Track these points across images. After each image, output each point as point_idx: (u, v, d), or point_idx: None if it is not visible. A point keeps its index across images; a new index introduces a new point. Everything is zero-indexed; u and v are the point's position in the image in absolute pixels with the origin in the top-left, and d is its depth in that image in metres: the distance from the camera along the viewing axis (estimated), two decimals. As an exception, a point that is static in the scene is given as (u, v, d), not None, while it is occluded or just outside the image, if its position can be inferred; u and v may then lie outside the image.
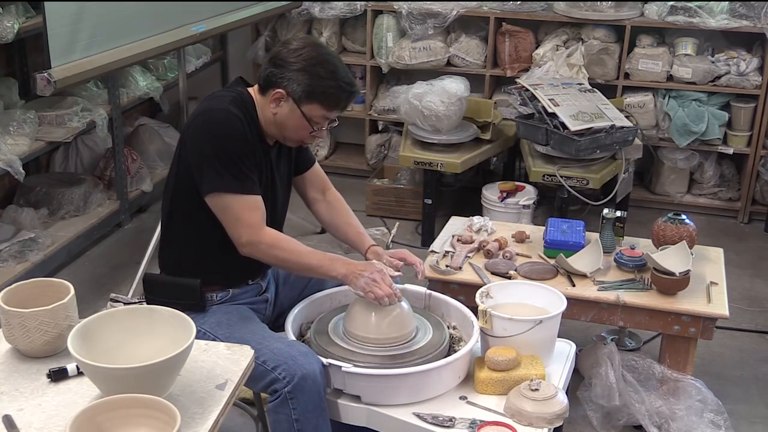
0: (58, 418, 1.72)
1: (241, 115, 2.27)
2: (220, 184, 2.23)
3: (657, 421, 2.82)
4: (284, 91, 2.27)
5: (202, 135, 2.26)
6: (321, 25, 5.09)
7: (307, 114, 2.29)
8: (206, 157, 2.24)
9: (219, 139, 2.23)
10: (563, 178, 3.98)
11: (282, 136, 2.36)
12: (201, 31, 3.91)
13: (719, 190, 4.85)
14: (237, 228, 2.26)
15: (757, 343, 3.61)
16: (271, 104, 2.29)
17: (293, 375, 2.15)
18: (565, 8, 4.73)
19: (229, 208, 2.24)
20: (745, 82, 4.55)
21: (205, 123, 2.27)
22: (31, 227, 3.83)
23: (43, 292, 1.95)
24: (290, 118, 2.30)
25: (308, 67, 2.25)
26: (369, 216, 4.65)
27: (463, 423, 2.14)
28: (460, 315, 2.45)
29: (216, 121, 2.25)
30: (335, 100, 2.29)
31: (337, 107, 2.31)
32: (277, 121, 2.31)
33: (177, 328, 1.80)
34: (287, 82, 2.26)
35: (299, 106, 2.27)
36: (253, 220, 2.26)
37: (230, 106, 2.26)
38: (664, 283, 2.77)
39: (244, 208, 2.24)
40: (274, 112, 2.30)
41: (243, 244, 2.27)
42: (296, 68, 2.25)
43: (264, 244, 2.26)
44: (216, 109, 2.27)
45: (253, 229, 2.25)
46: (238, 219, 2.25)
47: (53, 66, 3.09)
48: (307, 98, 2.27)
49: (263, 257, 2.31)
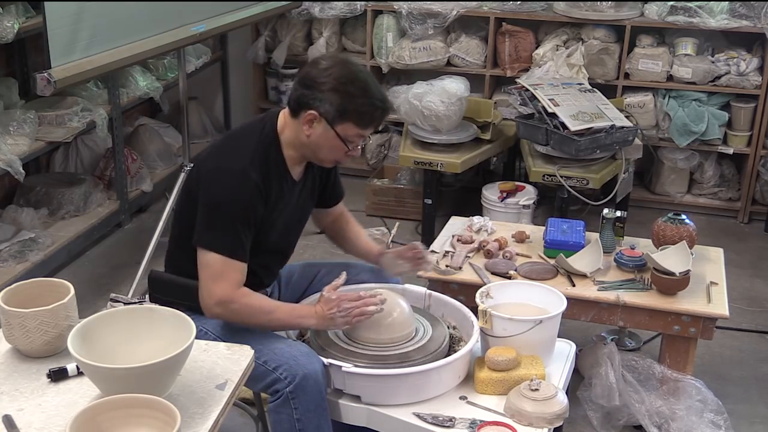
0: (58, 418, 1.72)
1: (257, 176, 2.22)
2: (213, 242, 2.20)
3: (657, 421, 2.82)
4: (317, 113, 2.22)
5: (213, 192, 2.22)
6: (321, 25, 5.09)
7: (341, 134, 2.24)
8: (209, 211, 2.22)
9: (226, 202, 2.20)
10: (563, 178, 3.98)
11: (317, 158, 2.33)
12: (201, 31, 3.91)
13: (719, 190, 4.85)
14: (212, 285, 2.20)
15: (757, 343, 3.61)
16: (304, 126, 2.24)
17: (295, 375, 2.15)
18: (565, 8, 4.73)
19: (212, 266, 2.20)
20: (745, 82, 4.55)
21: (218, 180, 2.23)
22: (31, 227, 3.83)
23: (43, 292, 1.95)
24: (324, 138, 2.25)
25: (339, 86, 2.20)
26: (369, 216, 4.64)
27: (463, 423, 2.14)
28: (460, 315, 2.45)
29: (229, 184, 2.21)
30: (369, 118, 2.25)
31: (371, 125, 2.27)
32: (311, 143, 2.27)
33: (177, 328, 1.80)
34: (319, 103, 2.21)
35: (333, 126, 2.23)
36: (232, 279, 2.21)
37: (249, 167, 2.21)
38: (664, 283, 2.77)
39: (227, 270, 2.20)
40: (308, 134, 2.25)
41: (214, 302, 2.21)
42: (327, 88, 2.20)
43: (236, 302, 2.21)
44: (234, 170, 2.21)
45: (229, 288, 2.20)
46: (219, 276, 2.20)
47: (53, 66, 3.09)
48: (341, 118, 2.22)
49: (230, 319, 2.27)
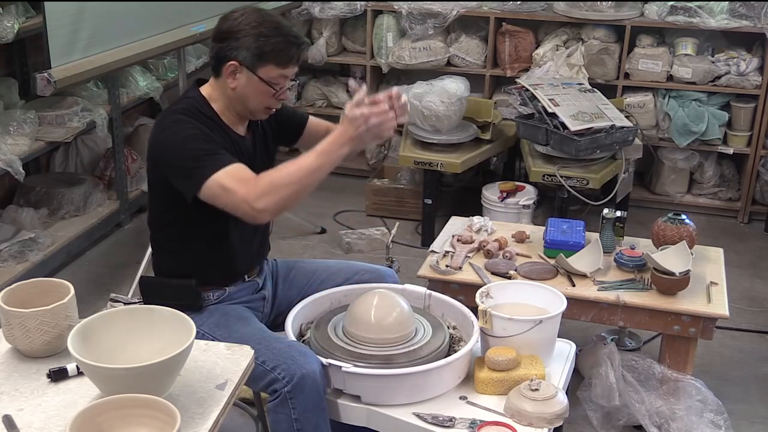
0: (58, 418, 1.72)
1: (193, 118, 2.26)
2: (203, 172, 2.17)
3: (657, 421, 2.82)
4: (236, 62, 2.26)
5: (160, 149, 2.27)
6: (321, 25, 5.09)
7: (265, 77, 2.27)
8: (175, 166, 2.24)
9: (175, 145, 2.23)
10: (563, 178, 3.98)
11: (248, 109, 2.35)
12: (201, 31, 3.91)
13: (719, 190, 4.85)
14: (239, 195, 2.14)
15: (757, 343, 3.61)
16: (228, 80, 2.28)
17: (293, 375, 2.15)
18: (565, 8, 4.73)
19: (222, 188, 2.16)
20: (745, 82, 4.55)
21: (157, 138, 2.29)
22: (31, 227, 3.83)
23: (43, 292, 1.95)
24: (249, 86, 2.29)
25: (252, 30, 2.24)
26: (369, 216, 4.65)
27: (463, 423, 2.14)
28: (460, 315, 2.45)
29: (167, 133, 2.26)
30: (287, 55, 2.28)
31: (290, 62, 2.29)
32: (238, 94, 2.30)
33: (177, 329, 1.80)
34: (236, 52, 2.25)
35: (254, 71, 2.26)
36: (248, 177, 2.17)
37: (179, 116, 2.26)
38: (664, 283, 2.77)
39: (234, 177, 2.17)
40: (233, 87, 2.29)
41: (254, 201, 2.14)
42: (241, 36, 2.25)
43: (273, 183, 2.15)
44: (164, 122, 2.29)
45: (250, 186, 2.15)
46: (233, 190, 2.15)
47: (53, 66, 3.09)
48: (260, 61, 2.26)
49: (279, 199, 2.16)
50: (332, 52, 5.13)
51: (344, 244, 4.25)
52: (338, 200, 4.83)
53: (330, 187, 2.90)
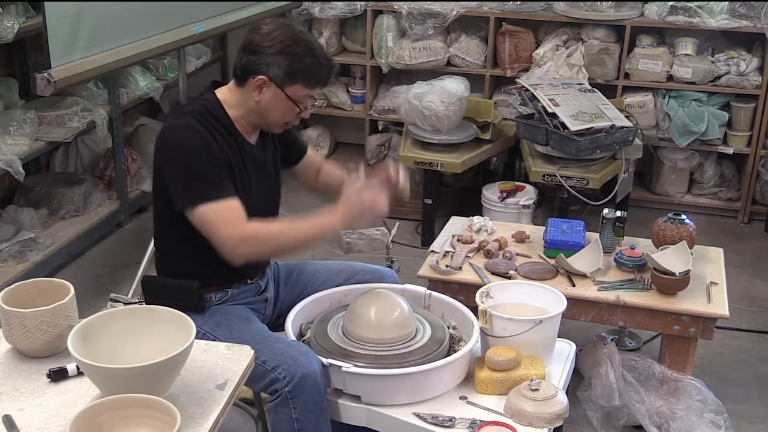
0: (58, 418, 1.72)
1: (203, 128, 2.24)
2: (192, 198, 2.21)
3: (657, 421, 2.82)
4: (265, 77, 2.25)
5: (165, 155, 2.27)
6: (321, 25, 5.09)
7: (292, 96, 2.28)
8: (174, 176, 2.24)
9: (180, 156, 2.23)
10: (563, 178, 3.98)
11: (266, 123, 2.36)
12: (201, 31, 3.91)
13: (719, 190, 4.85)
14: (224, 230, 2.19)
15: (757, 343, 3.61)
16: (254, 92, 2.27)
17: (293, 375, 2.15)
18: (565, 8, 4.73)
19: (207, 218, 2.20)
20: (745, 82, 4.55)
21: (165, 142, 2.28)
22: (31, 227, 3.83)
23: (43, 292, 1.95)
24: (274, 102, 2.28)
25: (285, 48, 2.24)
26: (369, 216, 4.65)
27: (463, 423, 2.14)
28: (460, 315, 2.45)
29: (175, 139, 2.25)
30: (317, 77, 2.29)
31: (319, 84, 2.31)
32: (261, 108, 2.30)
33: (177, 329, 1.80)
34: (267, 67, 2.24)
35: (283, 89, 2.26)
36: (236, 217, 2.20)
37: (191, 121, 2.24)
38: (664, 283, 2.77)
39: (224, 211, 2.20)
40: (257, 100, 2.28)
41: (232, 246, 2.20)
42: (273, 51, 2.23)
43: (256, 235, 2.21)
44: (175, 126, 2.27)
45: (239, 226, 2.19)
46: (222, 221, 2.19)
47: (53, 66, 3.09)
48: (290, 80, 2.25)
49: (258, 252, 2.26)
50: (332, 52, 5.12)
51: (344, 244, 4.25)
52: (338, 200, 4.82)
53: (330, 187, 2.89)
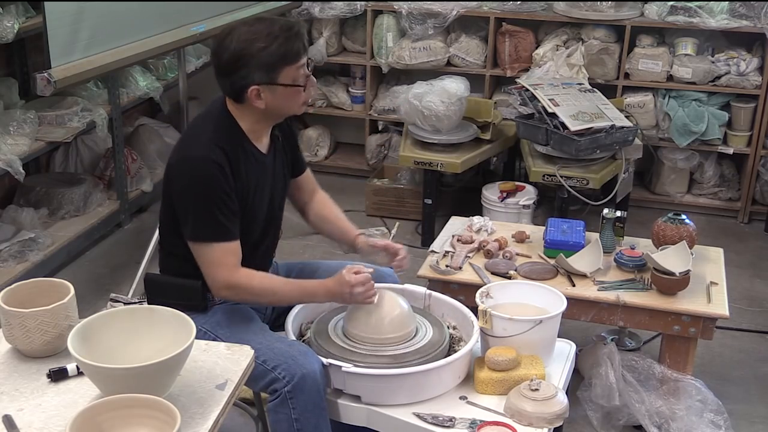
0: (58, 418, 1.72)
1: (221, 153, 2.23)
2: (198, 233, 2.24)
3: (657, 421, 2.82)
4: (256, 86, 2.24)
5: (182, 183, 2.26)
6: (321, 25, 5.09)
7: (287, 81, 2.26)
8: (186, 205, 2.25)
9: (193, 192, 2.23)
10: (563, 178, 3.98)
11: (284, 114, 2.37)
12: (201, 31, 3.91)
13: (719, 190, 4.85)
14: (212, 272, 2.26)
15: (757, 343, 3.61)
16: (255, 102, 2.27)
17: (293, 375, 2.15)
18: (565, 8, 4.73)
19: (205, 255, 2.25)
20: (745, 82, 4.55)
21: (183, 173, 2.25)
22: (31, 227, 3.83)
23: (43, 292, 1.95)
24: (278, 97, 2.27)
25: (248, 51, 2.21)
26: (369, 216, 4.64)
27: (463, 423, 2.14)
28: (460, 315, 2.45)
29: (194, 173, 2.23)
30: (293, 51, 2.25)
31: (299, 54, 2.27)
32: (270, 109, 2.30)
33: (177, 328, 1.80)
34: (249, 78, 2.23)
35: (275, 83, 2.25)
36: (228, 263, 2.25)
37: (210, 152, 2.22)
38: (664, 283, 2.77)
39: (219, 254, 2.24)
40: (263, 106, 2.28)
41: (219, 287, 2.27)
42: (243, 63, 2.21)
43: (240, 285, 2.26)
44: (195, 157, 2.23)
45: (228, 272, 2.25)
46: (213, 263, 2.25)
47: (53, 66, 3.09)
48: (274, 71, 2.24)
49: (239, 300, 2.32)
50: (332, 52, 5.12)
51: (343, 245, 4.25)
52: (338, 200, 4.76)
53: (330, 187, 2.90)
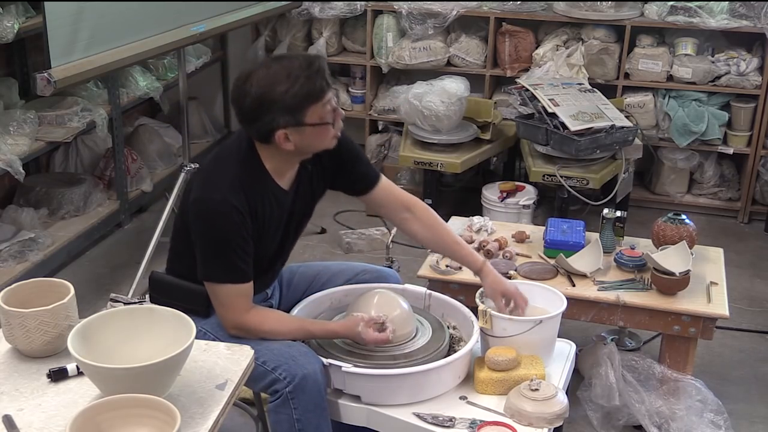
0: (58, 418, 1.72)
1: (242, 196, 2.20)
2: (212, 273, 2.24)
3: (657, 421, 2.82)
4: (283, 130, 2.18)
5: (200, 224, 2.24)
6: (321, 25, 5.09)
7: (314, 121, 2.20)
8: (202, 246, 2.24)
9: (210, 234, 2.21)
10: (563, 178, 3.98)
11: (315, 150, 2.31)
12: (201, 31, 3.91)
13: (719, 190, 4.85)
14: (223, 312, 2.28)
15: (757, 343, 3.61)
16: (284, 145, 2.21)
17: (294, 375, 2.15)
18: (565, 8, 4.73)
19: (218, 295, 2.26)
20: (745, 82, 4.55)
21: (202, 213, 2.22)
22: (31, 227, 3.83)
23: (43, 292, 1.95)
24: (307, 137, 2.22)
25: (269, 96, 2.15)
26: (369, 216, 4.64)
27: (463, 423, 2.14)
28: (460, 315, 2.45)
29: (213, 216, 2.20)
30: (315, 89, 2.18)
31: (323, 92, 2.20)
32: (300, 149, 2.24)
33: (177, 328, 1.80)
34: (275, 123, 2.17)
35: (302, 125, 2.19)
36: (240, 305, 2.26)
37: (231, 196, 2.19)
38: (664, 283, 2.77)
39: (231, 296, 2.25)
40: (291, 149, 2.22)
41: (229, 327, 2.29)
42: (267, 106, 2.16)
43: (250, 328, 2.27)
44: (215, 200, 2.19)
45: (239, 314, 2.26)
46: (224, 305, 2.26)
47: (53, 66, 3.09)
48: (300, 113, 2.17)
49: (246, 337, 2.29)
50: (332, 52, 5.12)
51: (344, 244, 4.25)
52: (338, 200, 4.79)
53: (330, 186, 2.88)
